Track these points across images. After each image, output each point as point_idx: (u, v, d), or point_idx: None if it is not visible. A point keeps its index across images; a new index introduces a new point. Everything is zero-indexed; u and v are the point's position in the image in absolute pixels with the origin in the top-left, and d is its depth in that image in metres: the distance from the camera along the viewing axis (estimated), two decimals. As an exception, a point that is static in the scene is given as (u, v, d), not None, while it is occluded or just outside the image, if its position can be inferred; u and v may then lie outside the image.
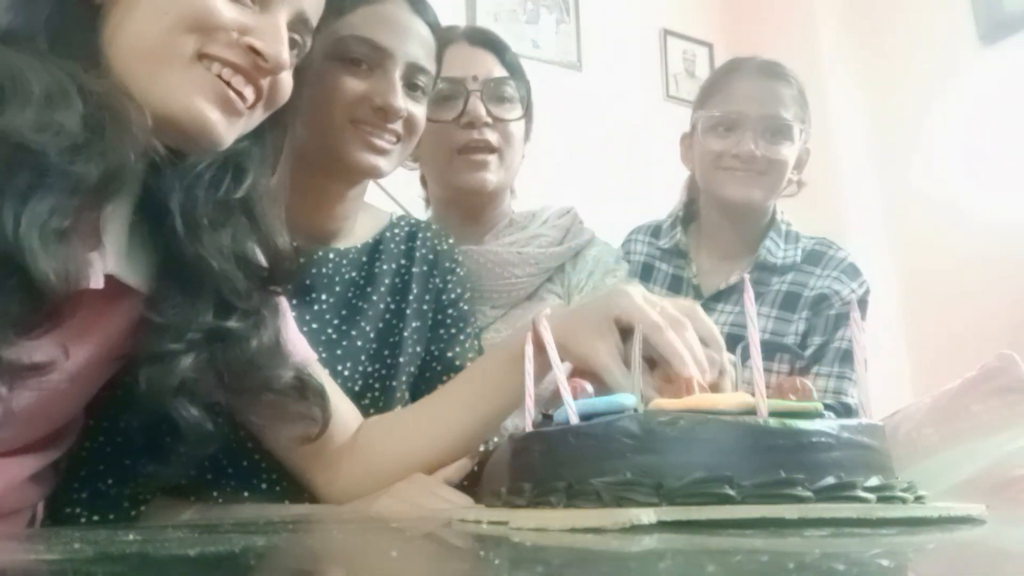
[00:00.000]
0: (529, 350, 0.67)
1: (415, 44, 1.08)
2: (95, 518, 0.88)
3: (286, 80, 0.82)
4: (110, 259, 0.75)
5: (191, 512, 0.93)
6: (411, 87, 1.09)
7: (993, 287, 2.74)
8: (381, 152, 1.07)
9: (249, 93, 0.78)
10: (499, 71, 1.38)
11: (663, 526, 0.38)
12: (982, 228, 2.81)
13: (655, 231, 1.71)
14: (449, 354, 1.16)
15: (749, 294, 0.46)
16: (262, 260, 0.87)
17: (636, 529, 0.37)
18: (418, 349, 1.15)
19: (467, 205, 1.41)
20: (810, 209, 1.88)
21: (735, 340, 1.50)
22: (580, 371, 0.85)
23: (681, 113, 1.75)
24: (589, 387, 0.63)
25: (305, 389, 0.89)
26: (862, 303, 1.59)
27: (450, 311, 1.19)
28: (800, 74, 1.64)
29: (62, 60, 0.69)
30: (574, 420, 0.50)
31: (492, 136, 1.35)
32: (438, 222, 1.41)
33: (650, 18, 3.51)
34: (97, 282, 0.73)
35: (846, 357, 1.55)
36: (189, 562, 0.39)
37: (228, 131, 0.77)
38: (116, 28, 0.73)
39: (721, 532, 0.37)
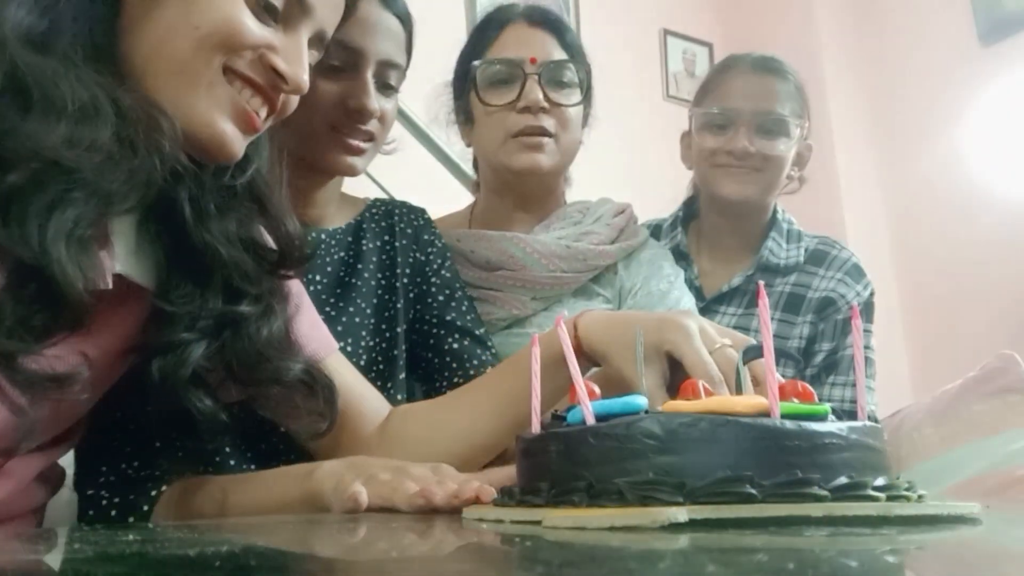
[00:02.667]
0: (536, 351, 0.68)
1: (387, 41, 1.10)
2: (116, 500, 0.89)
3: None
4: (119, 258, 0.76)
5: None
6: (383, 85, 1.11)
7: (993, 287, 2.76)
8: (357, 152, 1.11)
9: (264, 113, 0.78)
10: (558, 53, 1.33)
11: (692, 524, 0.39)
12: (982, 228, 2.82)
13: (655, 231, 1.69)
14: (448, 318, 1.18)
15: (764, 301, 0.47)
16: (271, 244, 0.87)
17: (666, 528, 0.38)
18: (413, 316, 1.18)
19: (520, 189, 1.37)
20: (810, 209, 1.89)
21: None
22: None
23: (681, 113, 1.75)
24: (597, 389, 0.63)
25: (314, 384, 0.89)
26: (867, 305, 1.58)
27: (434, 280, 1.21)
28: (800, 74, 1.63)
29: (92, 71, 0.69)
30: (591, 420, 0.51)
31: (549, 122, 1.30)
32: (487, 210, 1.41)
33: (650, 18, 3.52)
34: (106, 282, 0.73)
35: (854, 362, 1.52)
36: (189, 562, 0.39)
37: (242, 145, 0.78)
38: (142, 37, 0.73)
39: (745, 530, 0.39)
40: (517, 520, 0.51)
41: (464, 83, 1.37)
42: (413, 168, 2.19)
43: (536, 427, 0.61)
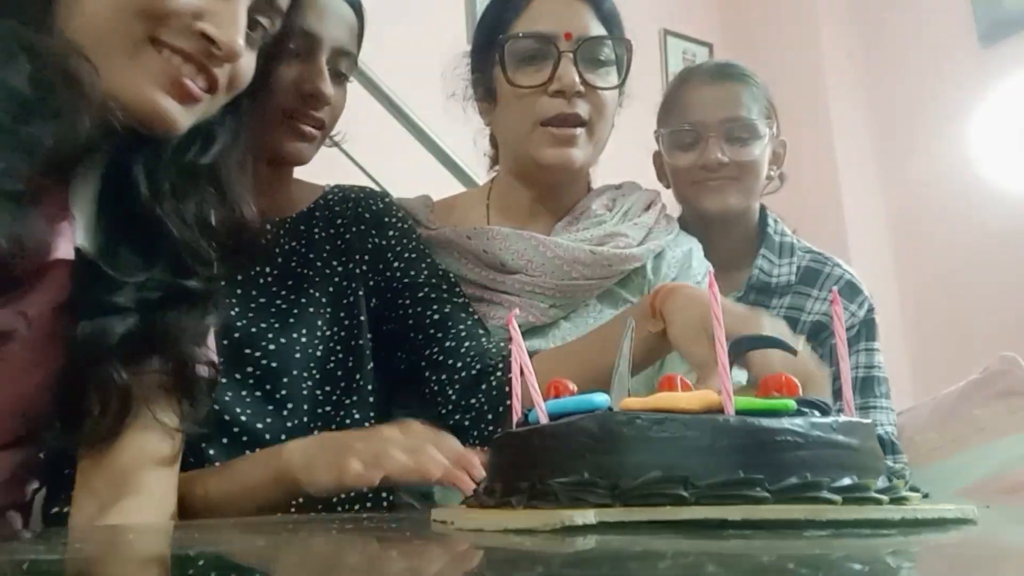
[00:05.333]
0: (517, 351, 0.66)
1: (340, 28, 1.10)
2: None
3: (246, 65, 0.80)
4: (79, 232, 0.75)
5: None
6: (335, 72, 1.10)
7: (994, 287, 2.74)
8: (308, 139, 1.10)
9: (201, 82, 0.75)
10: (596, 28, 1.20)
11: (605, 527, 0.37)
12: (983, 228, 2.80)
13: None
14: (420, 295, 1.13)
15: (714, 288, 0.45)
16: (226, 229, 0.85)
17: (579, 530, 0.37)
18: (377, 303, 1.15)
19: (543, 182, 1.26)
20: (810, 210, 1.87)
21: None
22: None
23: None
24: (573, 386, 0.62)
25: (208, 390, 0.84)
26: (867, 323, 1.52)
27: (397, 263, 1.16)
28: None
29: (4, 18, 0.67)
30: (543, 420, 0.49)
31: (583, 108, 1.18)
32: (506, 199, 1.31)
33: (650, 18, 3.50)
34: (67, 252, 0.72)
35: (864, 385, 1.50)
36: (189, 562, 0.39)
37: (184, 117, 0.75)
38: (73, 9, 0.71)
39: (673, 532, 0.37)
40: (438, 520, 0.50)
41: (486, 55, 1.25)
42: (412, 167, 2.18)
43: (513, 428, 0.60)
